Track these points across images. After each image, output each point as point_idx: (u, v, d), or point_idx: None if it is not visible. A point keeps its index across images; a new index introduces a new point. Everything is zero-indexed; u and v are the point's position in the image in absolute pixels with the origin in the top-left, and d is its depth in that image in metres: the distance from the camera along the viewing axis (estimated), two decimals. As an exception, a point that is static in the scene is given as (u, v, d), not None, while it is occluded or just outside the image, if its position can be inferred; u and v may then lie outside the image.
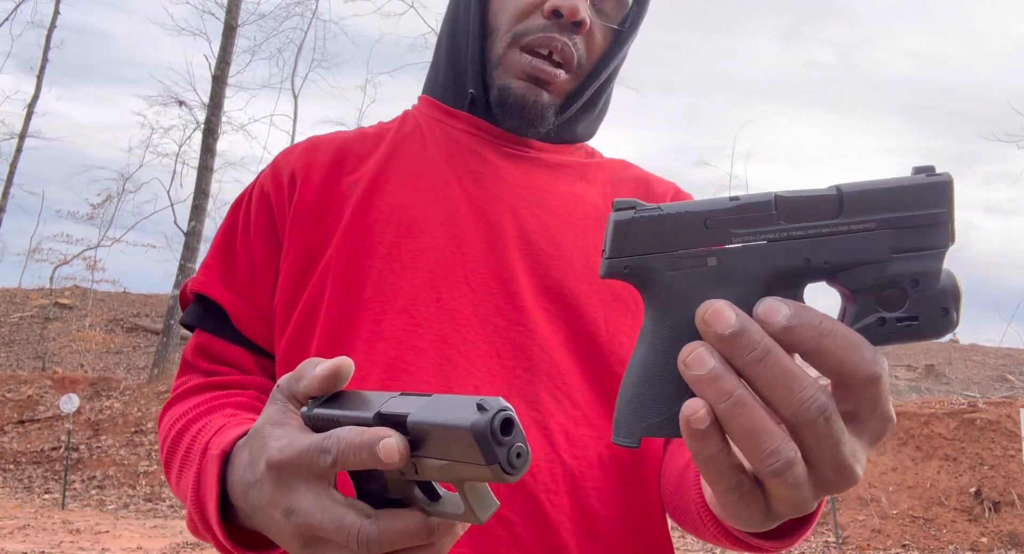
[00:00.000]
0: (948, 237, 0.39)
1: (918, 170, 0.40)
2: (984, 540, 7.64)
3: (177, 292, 13.57)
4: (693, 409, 0.39)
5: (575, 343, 0.78)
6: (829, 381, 0.40)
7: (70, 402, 9.54)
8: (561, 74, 0.84)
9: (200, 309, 0.85)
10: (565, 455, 0.73)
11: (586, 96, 0.89)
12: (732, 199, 0.41)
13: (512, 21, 0.84)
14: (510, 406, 0.42)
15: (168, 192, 19.93)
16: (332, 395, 0.52)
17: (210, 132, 14.39)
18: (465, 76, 0.88)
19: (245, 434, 0.59)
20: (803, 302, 0.41)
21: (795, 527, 0.59)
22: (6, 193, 17.17)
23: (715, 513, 0.58)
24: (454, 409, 0.43)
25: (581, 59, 0.85)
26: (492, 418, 0.41)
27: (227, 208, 0.92)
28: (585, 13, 0.82)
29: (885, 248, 0.39)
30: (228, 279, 0.84)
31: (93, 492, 9.93)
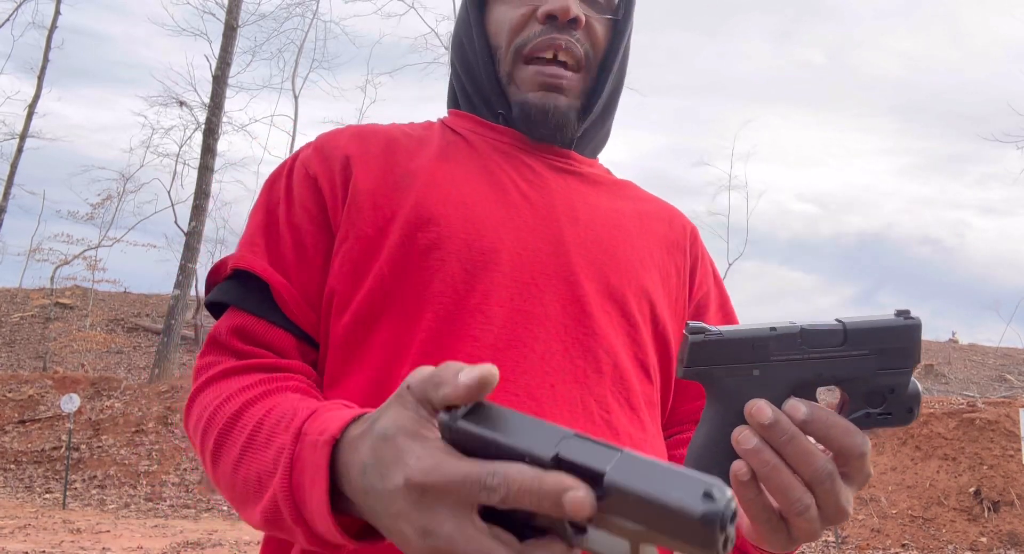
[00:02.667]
0: (915, 360, 0.57)
1: (899, 312, 0.58)
2: (983, 540, 7.64)
3: (177, 292, 13.55)
4: (738, 468, 0.56)
5: (631, 348, 0.83)
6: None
7: (71, 402, 9.55)
8: (570, 75, 0.87)
9: (240, 287, 0.80)
10: None
11: (607, 91, 0.91)
12: (771, 329, 0.58)
13: (510, 36, 0.87)
14: (730, 492, 0.41)
15: (169, 192, 19.89)
16: (474, 407, 0.48)
17: (211, 132, 14.40)
18: (489, 98, 0.90)
19: (354, 419, 0.56)
20: (816, 400, 0.58)
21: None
22: (7, 193, 17.20)
23: (748, 538, 0.69)
24: (671, 485, 0.41)
25: (588, 53, 0.88)
26: (724, 508, 0.40)
27: (230, 207, 0.92)
28: (578, 10, 0.85)
29: (872, 367, 0.57)
30: (274, 259, 0.80)
31: (94, 492, 9.94)
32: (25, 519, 8.00)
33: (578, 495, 0.41)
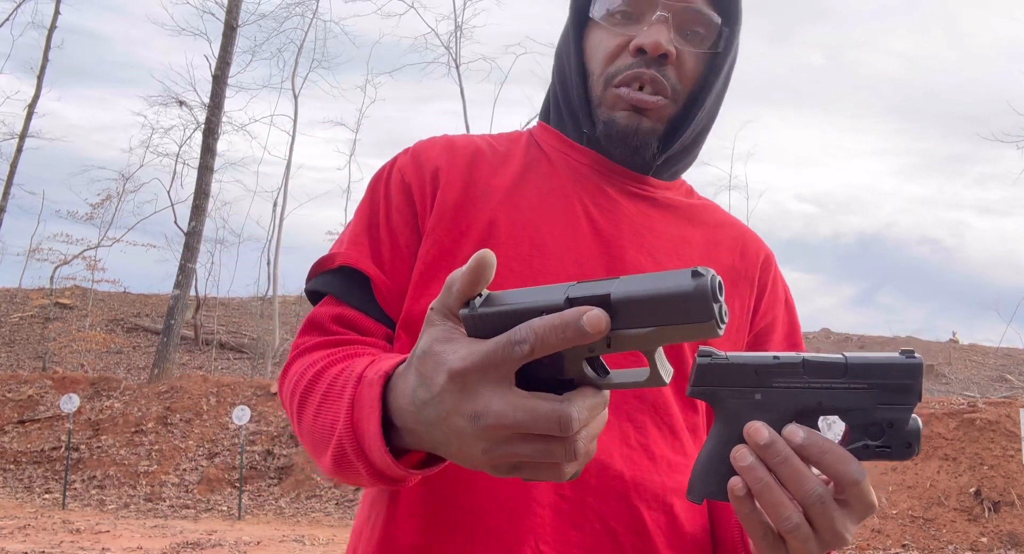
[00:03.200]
0: (916, 397, 0.59)
1: (903, 351, 0.60)
2: (984, 540, 7.64)
3: (177, 292, 13.55)
4: (734, 483, 0.61)
5: (676, 379, 0.85)
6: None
7: (70, 402, 9.55)
8: (660, 100, 0.89)
9: (344, 281, 0.88)
10: (665, 477, 0.83)
11: (694, 126, 0.93)
12: (775, 357, 0.61)
13: (603, 64, 0.91)
14: (713, 270, 0.48)
15: (168, 192, 19.85)
16: (487, 297, 0.54)
17: (210, 132, 14.40)
18: (577, 116, 0.94)
19: (402, 362, 0.61)
20: (818, 429, 0.61)
21: None
22: (6, 193, 17.16)
23: None
24: (663, 280, 0.49)
25: (675, 86, 0.90)
26: (711, 281, 0.47)
27: (230, 206, 0.94)
28: (668, 45, 0.87)
29: (872, 401, 0.59)
30: (376, 257, 0.88)
31: (93, 492, 9.93)
32: (25, 519, 8.00)
33: (593, 313, 0.49)
